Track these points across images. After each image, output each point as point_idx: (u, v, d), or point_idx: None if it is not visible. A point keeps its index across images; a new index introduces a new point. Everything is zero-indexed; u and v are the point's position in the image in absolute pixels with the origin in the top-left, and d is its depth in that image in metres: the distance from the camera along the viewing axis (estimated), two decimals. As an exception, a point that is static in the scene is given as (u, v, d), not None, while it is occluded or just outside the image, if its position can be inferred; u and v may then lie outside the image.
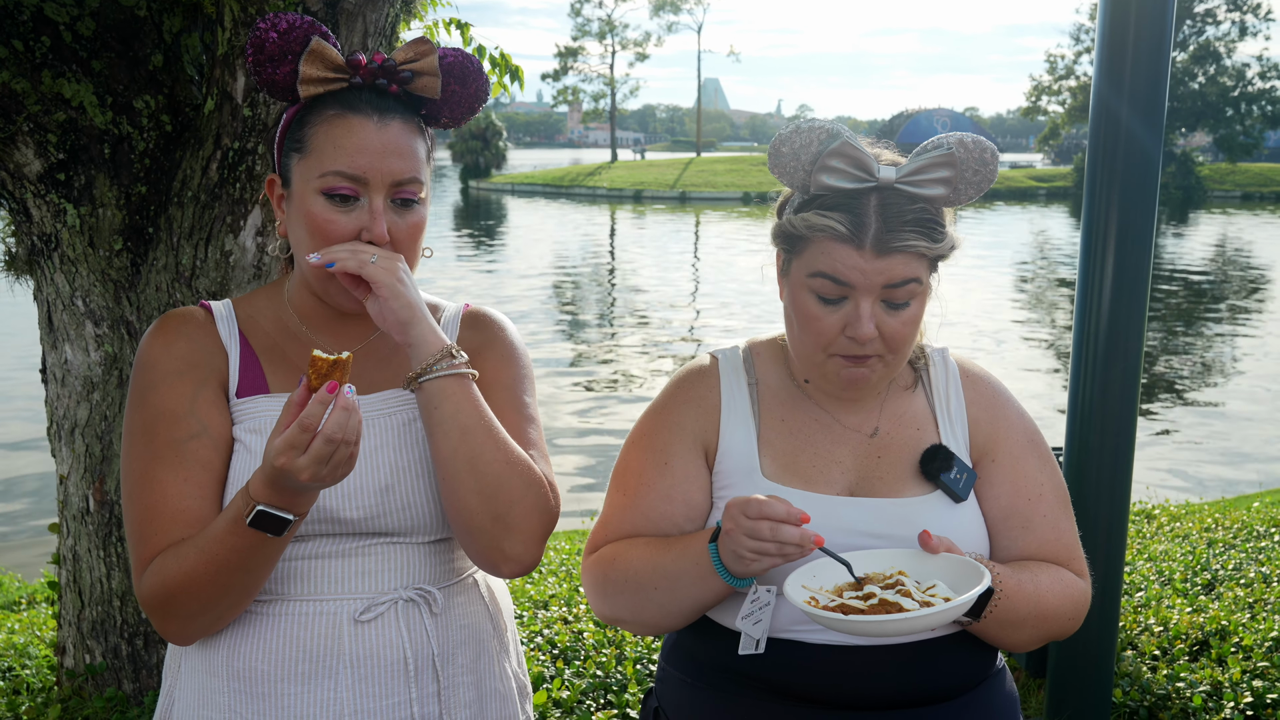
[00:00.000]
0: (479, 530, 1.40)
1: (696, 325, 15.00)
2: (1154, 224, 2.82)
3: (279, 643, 1.41)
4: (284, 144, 1.47)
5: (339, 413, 1.20)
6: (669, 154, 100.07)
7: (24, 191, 2.68)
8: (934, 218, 1.47)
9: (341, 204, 1.40)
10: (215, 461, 1.41)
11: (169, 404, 1.42)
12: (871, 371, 1.51)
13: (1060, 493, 1.61)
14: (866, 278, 1.44)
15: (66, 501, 2.93)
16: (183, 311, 1.52)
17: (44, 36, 2.50)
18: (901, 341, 1.49)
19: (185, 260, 2.66)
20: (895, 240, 1.43)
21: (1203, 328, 15.43)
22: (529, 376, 1.59)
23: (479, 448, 1.39)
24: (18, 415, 9.52)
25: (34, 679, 3.22)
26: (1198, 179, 48.08)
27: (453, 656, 1.49)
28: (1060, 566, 1.56)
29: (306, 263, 1.41)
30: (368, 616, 1.42)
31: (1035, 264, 23.13)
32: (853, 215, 1.44)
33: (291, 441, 1.20)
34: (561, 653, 3.34)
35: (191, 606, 1.35)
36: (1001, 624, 1.48)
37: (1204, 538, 4.91)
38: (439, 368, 1.39)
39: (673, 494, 1.58)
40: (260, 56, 1.40)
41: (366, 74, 1.43)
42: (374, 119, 1.41)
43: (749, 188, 45.59)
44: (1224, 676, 3.10)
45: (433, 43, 1.46)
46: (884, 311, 1.46)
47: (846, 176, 1.44)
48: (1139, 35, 2.71)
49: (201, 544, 1.32)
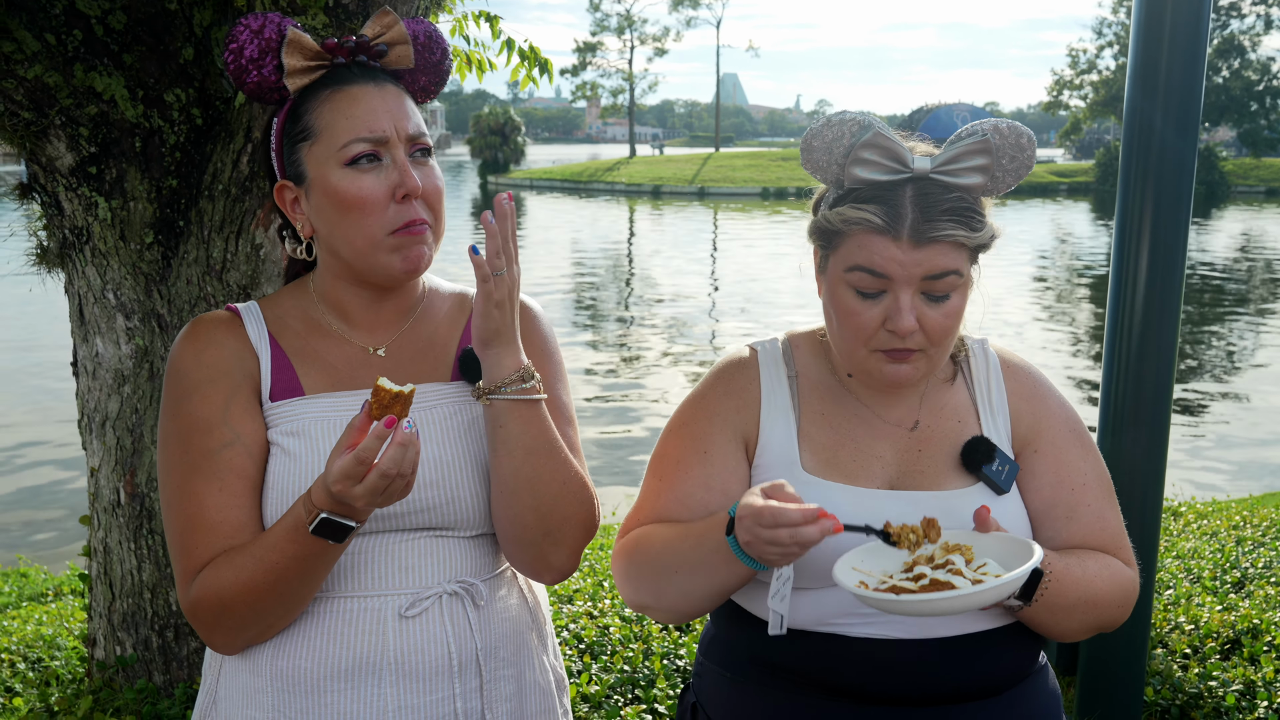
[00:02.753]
0: (528, 542, 1.43)
1: (718, 325, 14.97)
2: (1187, 227, 2.80)
3: (323, 641, 1.40)
4: (284, 143, 1.46)
5: (395, 449, 1.21)
6: (687, 149, 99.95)
7: (56, 185, 2.69)
8: (971, 207, 1.45)
9: (368, 166, 1.40)
10: (250, 469, 1.41)
11: (201, 413, 1.42)
12: (915, 369, 1.49)
13: (1104, 482, 1.59)
14: (905, 269, 1.42)
15: (97, 494, 2.95)
16: (210, 316, 1.52)
17: (76, 30, 2.51)
18: (943, 334, 1.47)
19: (216, 253, 2.67)
20: (933, 230, 1.42)
21: (1227, 324, 15.30)
22: (564, 372, 1.59)
23: (540, 469, 1.41)
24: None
25: (63, 670, 3.24)
26: (1221, 174, 47.63)
27: (495, 650, 1.48)
28: (1108, 555, 1.55)
29: (362, 245, 1.41)
30: (413, 612, 1.41)
31: (1056, 260, 22.98)
32: (888, 206, 1.43)
33: (348, 472, 1.21)
34: (588, 647, 3.34)
35: (246, 617, 1.35)
36: (1052, 609, 1.46)
37: (1232, 535, 4.87)
38: (512, 389, 1.40)
39: (711, 483, 1.57)
40: (240, 61, 1.41)
41: (345, 53, 1.44)
42: (371, 85, 1.43)
43: (768, 183, 45.49)
44: (1257, 675, 3.07)
45: (394, 13, 1.48)
46: (924, 304, 1.45)
47: (880, 169, 1.43)
48: (1174, 37, 2.68)
49: (259, 553, 1.32)
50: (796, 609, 1.50)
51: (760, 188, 45.14)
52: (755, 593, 1.56)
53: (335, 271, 1.49)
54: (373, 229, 1.40)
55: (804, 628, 1.49)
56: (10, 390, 10.36)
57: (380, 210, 1.40)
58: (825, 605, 1.49)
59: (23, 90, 2.50)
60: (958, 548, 1.39)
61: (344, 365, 1.49)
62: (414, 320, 1.54)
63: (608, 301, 17.05)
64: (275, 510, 1.40)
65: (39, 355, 11.69)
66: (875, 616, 1.48)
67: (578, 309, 16.06)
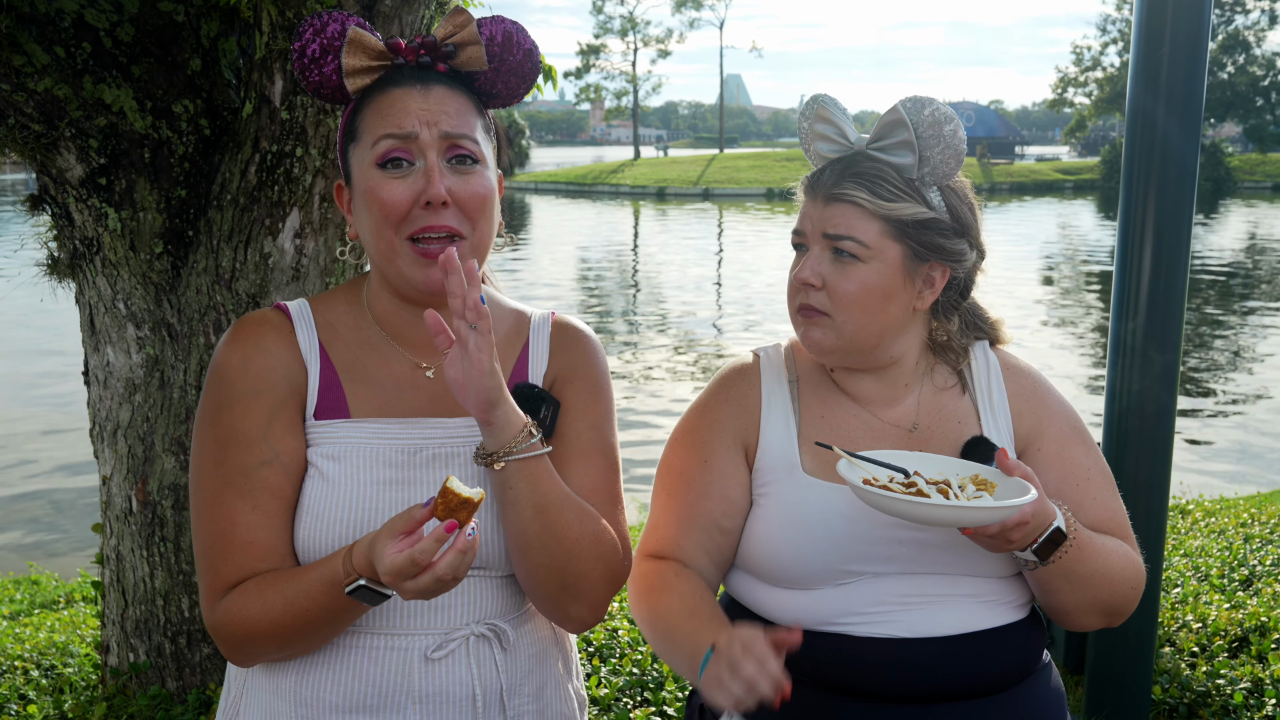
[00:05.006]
0: (545, 596, 1.40)
1: (724, 328, 14.98)
2: (1190, 222, 2.80)
3: (348, 675, 1.38)
4: (343, 143, 1.43)
5: (454, 554, 1.18)
6: (692, 150, 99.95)
7: (66, 196, 2.72)
8: (889, 179, 1.51)
9: (395, 169, 1.35)
10: (286, 489, 1.38)
11: (242, 427, 1.38)
12: (823, 333, 1.55)
13: (1106, 476, 1.62)
14: (813, 224, 1.55)
15: (109, 502, 2.97)
16: (260, 317, 1.46)
17: (85, 43, 2.53)
18: (846, 299, 1.52)
19: (225, 263, 2.69)
20: (837, 188, 1.51)
21: (1232, 320, 15.26)
22: (614, 410, 1.53)
23: (552, 524, 1.35)
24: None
25: (76, 677, 3.27)
26: (1227, 170, 47.47)
27: (519, 687, 1.46)
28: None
29: (384, 249, 1.36)
30: (440, 654, 1.39)
31: (1062, 255, 22.94)
32: (820, 171, 1.57)
33: (401, 570, 1.17)
34: (597, 650, 3.36)
35: (268, 647, 1.34)
36: (1068, 576, 1.47)
37: (1240, 533, 4.86)
38: (517, 451, 1.33)
39: (711, 491, 1.60)
40: (303, 60, 1.37)
41: (409, 53, 1.39)
42: (417, 87, 1.38)
43: (772, 183, 45.44)
44: (1265, 673, 3.07)
45: (469, 12, 1.41)
46: (831, 264, 1.53)
47: (832, 144, 1.56)
48: (1175, 35, 2.69)
49: (290, 595, 1.30)
50: (800, 610, 1.52)
51: (765, 188, 45.12)
52: (761, 592, 1.58)
53: (379, 281, 1.46)
54: (390, 236, 1.36)
55: (810, 627, 1.51)
56: (21, 397, 10.40)
57: (397, 216, 1.35)
58: (828, 606, 1.51)
59: (33, 103, 2.52)
60: (985, 483, 1.43)
61: (392, 385, 1.45)
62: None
63: (614, 306, 17.06)
64: (307, 534, 1.37)
65: (49, 363, 11.74)
66: (879, 617, 1.50)
67: (584, 311, 16.07)
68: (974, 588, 1.52)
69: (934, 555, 1.51)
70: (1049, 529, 1.41)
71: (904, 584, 1.51)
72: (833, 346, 1.55)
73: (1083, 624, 1.54)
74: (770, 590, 1.56)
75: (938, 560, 1.51)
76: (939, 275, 1.56)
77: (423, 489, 1.40)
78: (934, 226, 1.51)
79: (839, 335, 1.53)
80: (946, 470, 1.47)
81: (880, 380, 1.61)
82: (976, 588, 1.52)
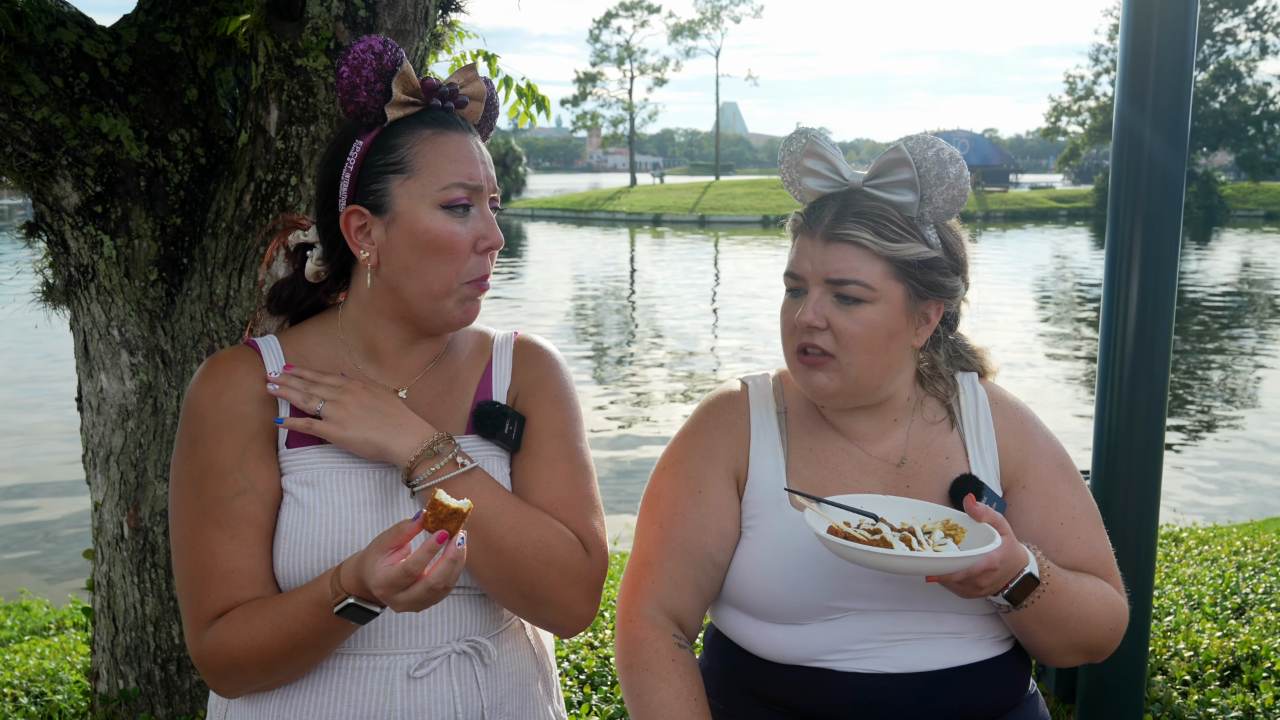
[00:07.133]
0: (514, 606, 1.44)
1: (720, 355, 15.00)
2: (1178, 245, 2.81)
3: (331, 697, 1.40)
4: (364, 171, 1.43)
5: (445, 564, 1.21)
6: (688, 178, 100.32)
7: (62, 224, 2.73)
8: (890, 218, 1.49)
9: (459, 214, 1.42)
10: (263, 517, 1.41)
11: (216, 459, 1.41)
12: (828, 378, 1.52)
13: (1092, 514, 1.61)
14: (814, 266, 1.50)
15: (101, 528, 2.97)
16: (229, 355, 1.49)
17: (83, 73, 2.56)
18: (852, 342, 1.50)
19: (219, 290, 2.71)
20: (839, 228, 1.48)
21: (1225, 349, 15.30)
22: (580, 417, 1.56)
23: (485, 537, 1.39)
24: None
25: (66, 704, 3.25)
26: (1220, 198, 47.78)
27: (500, 706, 1.47)
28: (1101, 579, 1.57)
29: (438, 286, 1.42)
30: (422, 672, 1.41)
31: (1056, 283, 23.02)
32: (815, 210, 1.53)
33: (394, 582, 1.20)
34: (589, 678, 3.35)
35: (256, 674, 1.36)
36: (1042, 619, 1.47)
37: (1233, 561, 4.86)
38: (425, 473, 1.39)
39: (706, 524, 1.58)
40: (356, 80, 1.40)
41: (443, 97, 1.46)
42: (469, 135, 1.46)
43: (768, 210, 45.65)
44: (1256, 702, 3.07)
45: (476, 69, 1.50)
46: (835, 307, 1.50)
47: (823, 180, 1.53)
48: (1160, 56, 2.71)
49: (277, 620, 1.32)
50: (786, 645, 1.52)
51: (760, 215, 45.31)
52: (747, 627, 1.58)
53: (379, 307, 1.47)
54: (450, 276, 1.41)
55: (793, 662, 1.51)
56: (13, 422, 10.38)
57: (462, 258, 1.41)
58: (814, 642, 1.51)
59: (30, 132, 2.54)
60: (955, 528, 1.43)
61: None
62: (438, 361, 1.53)
63: (609, 330, 17.09)
64: (286, 560, 1.39)
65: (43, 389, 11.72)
66: (864, 652, 1.50)
67: (580, 338, 16.09)
68: (959, 625, 1.52)
69: (919, 592, 1.51)
70: (1020, 574, 1.41)
71: (889, 621, 1.51)
72: (838, 390, 1.53)
73: (1062, 662, 1.54)
74: (757, 625, 1.56)
75: (923, 597, 1.51)
76: (934, 312, 1.56)
77: (398, 509, 1.42)
78: (935, 265, 1.51)
79: (844, 378, 1.51)
80: (920, 515, 1.47)
81: (872, 416, 1.60)
82: (961, 624, 1.52)
